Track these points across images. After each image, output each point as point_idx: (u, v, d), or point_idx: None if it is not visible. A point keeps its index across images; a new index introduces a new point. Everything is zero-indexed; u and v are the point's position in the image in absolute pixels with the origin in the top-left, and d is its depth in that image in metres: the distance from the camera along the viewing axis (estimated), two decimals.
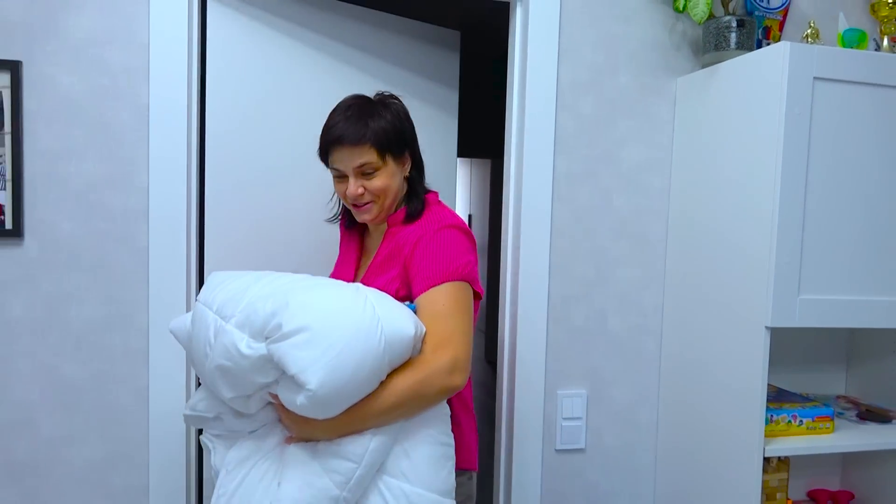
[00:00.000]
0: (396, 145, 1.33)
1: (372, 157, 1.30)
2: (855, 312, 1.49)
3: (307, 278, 1.19)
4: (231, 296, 1.15)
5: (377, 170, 1.32)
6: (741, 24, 1.65)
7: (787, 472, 1.56)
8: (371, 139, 1.29)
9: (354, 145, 1.29)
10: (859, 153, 1.48)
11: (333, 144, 1.31)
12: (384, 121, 1.31)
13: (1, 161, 1.46)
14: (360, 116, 1.30)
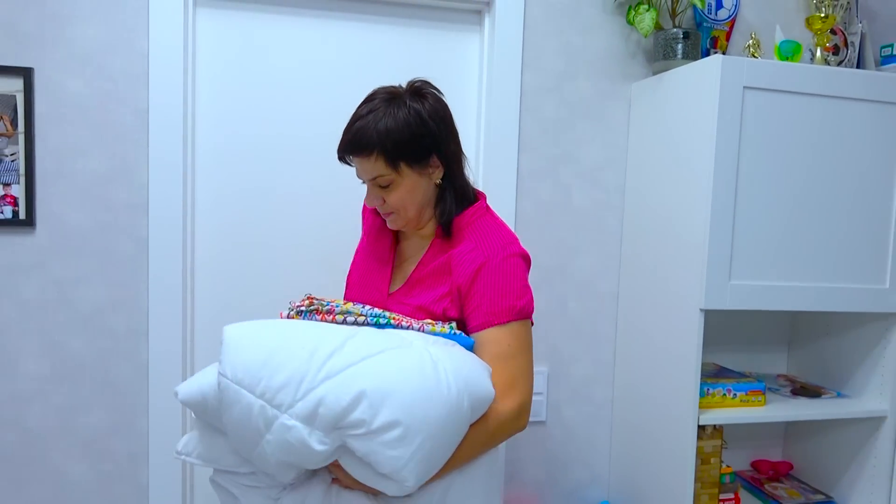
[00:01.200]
0: (412, 153, 1.18)
1: (382, 168, 1.18)
2: (780, 296, 1.66)
3: (356, 341, 1.05)
4: (282, 382, 0.98)
5: (392, 182, 1.20)
6: (686, 36, 1.82)
7: (720, 439, 1.73)
8: (378, 148, 1.16)
9: (362, 157, 1.18)
10: (786, 153, 1.65)
11: (343, 153, 1.21)
12: (396, 123, 1.16)
13: (15, 158, 1.62)
14: (373, 119, 1.16)
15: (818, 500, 1.94)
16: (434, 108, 1.21)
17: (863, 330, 1.88)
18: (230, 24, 1.77)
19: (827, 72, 1.64)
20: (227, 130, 1.79)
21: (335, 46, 1.84)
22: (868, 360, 1.86)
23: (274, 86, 1.80)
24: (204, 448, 1.11)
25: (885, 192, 1.73)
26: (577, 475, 2.03)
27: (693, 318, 1.65)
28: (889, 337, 1.80)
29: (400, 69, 1.88)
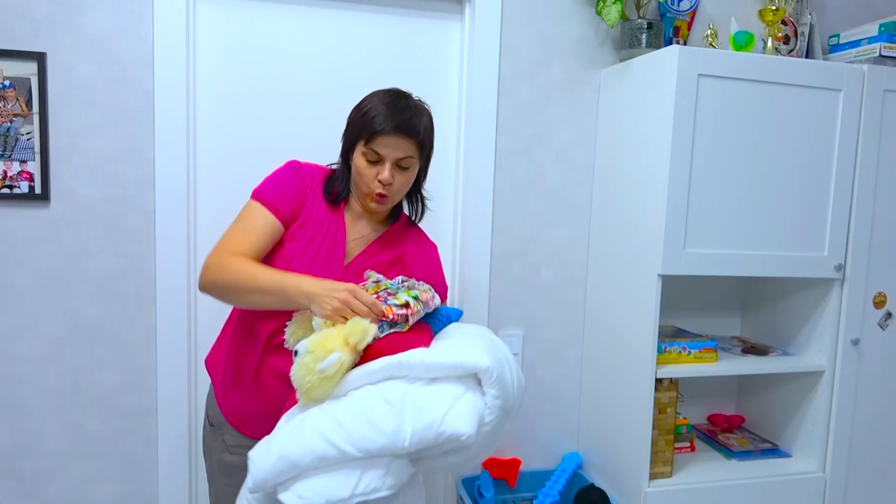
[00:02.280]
0: (427, 149, 1.45)
1: (415, 153, 1.39)
2: (729, 263, 1.85)
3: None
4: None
5: (411, 166, 1.41)
6: (650, 26, 1.99)
7: (676, 391, 1.93)
8: (421, 137, 1.38)
9: (410, 138, 1.37)
10: (737, 135, 1.83)
11: (387, 133, 1.34)
12: (427, 122, 1.41)
13: (30, 137, 1.75)
14: (416, 114, 1.38)
15: (765, 447, 2.16)
16: None
17: (805, 294, 2.08)
18: (227, 13, 1.90)
19: (773, 61, 1.82)
20: (225, 110, 1.92)
21: (327, 34, 1.98)
22: (810, 321, 2.07)
23: (267, 69, 1.94)
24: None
25: (825, 170, 1.92)
26: (550, 429, 2.22)
27: (652, 282, 1.83)
28: (827, 300, 2.00)
29: (386, 56, 2.03)
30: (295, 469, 1.14)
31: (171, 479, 1.91)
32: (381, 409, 1.16)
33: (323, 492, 1.12)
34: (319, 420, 1.17)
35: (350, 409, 1.18)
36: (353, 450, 1.14)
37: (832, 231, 1.93)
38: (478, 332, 1.39)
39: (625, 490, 1.95)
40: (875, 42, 2.01)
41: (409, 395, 1.18)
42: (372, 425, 1.15)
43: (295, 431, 1.17)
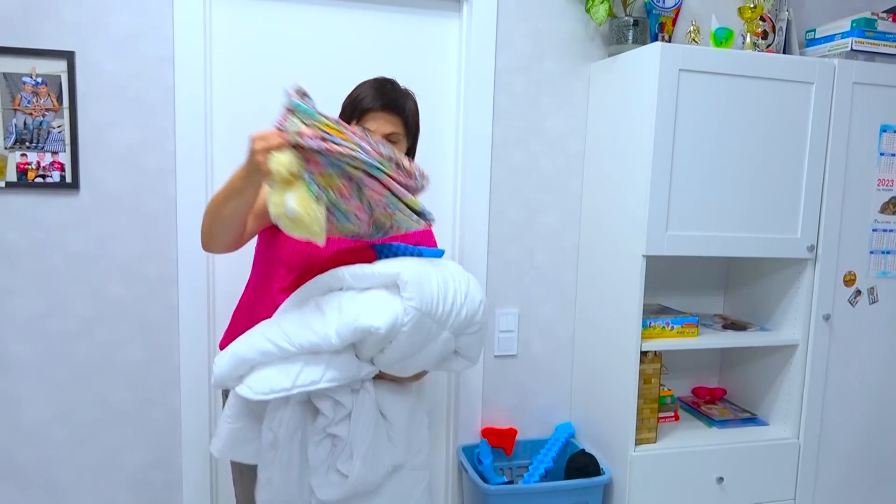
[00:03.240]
0: (413, 130, 1.59)
1: (401, 129, 1.53)
2: (708, 244, 2.00)
3: (458, 272, 1.48)
4: (445, 311, 1.40)
5: (398, 143, 1.53)
6: (636, 23, 2.13)
7: (660, 363, 2.08)
8: (407, 115, 1.54)
9: (395, 114, 1.51)
10: (716, 126, 1.97)
11: (374, 110, 1.49)
12: (414, 106, 1.58)
13: (61, 130, 1.89)
14: (401, 95, 1.54)
15: (745, 416, 2.32)
16: None
17: (780, 273, 2.23)
18: (240, 13, 2.03)
19: (749, 56, 1.96)
20: (239, 103, 2.06)
21: (333, 31, 2.11)
22: (785, 298, 2.22)
23: (277, 64, 2.08)
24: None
25: (798, 158, 2.06)
26: (544, 401, 2.38)
27: (636, 262, 1.98)
28: (801, 278, 2.15)
29: (389, 52, 2.16)
30: (244, 364, 1.36)
31: (194, 449, 2.07)
32: (313, 313, 1.38)
33: (268, 381, 1.34)
34: (266, 326, 1.40)
35: (290, 315, 1.41)
36: (289, 345, 1.35)
37: (805, 214, 2.08)
38: (429, 259, 1.50)
39: (613, 455, 2.11)
40: (847, 37, 2.15)
41: (339, 302, 1.39)
42: (305, 326, 1.36)
43: (246, 336, 1.40)
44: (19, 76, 1.84)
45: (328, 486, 1.43)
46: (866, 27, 2.13)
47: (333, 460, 1.43)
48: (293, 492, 1.43)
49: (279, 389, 1.33)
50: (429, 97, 2.22)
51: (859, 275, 2.16)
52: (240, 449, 1.48)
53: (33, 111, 1.86)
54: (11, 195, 1.88)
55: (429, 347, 1.41)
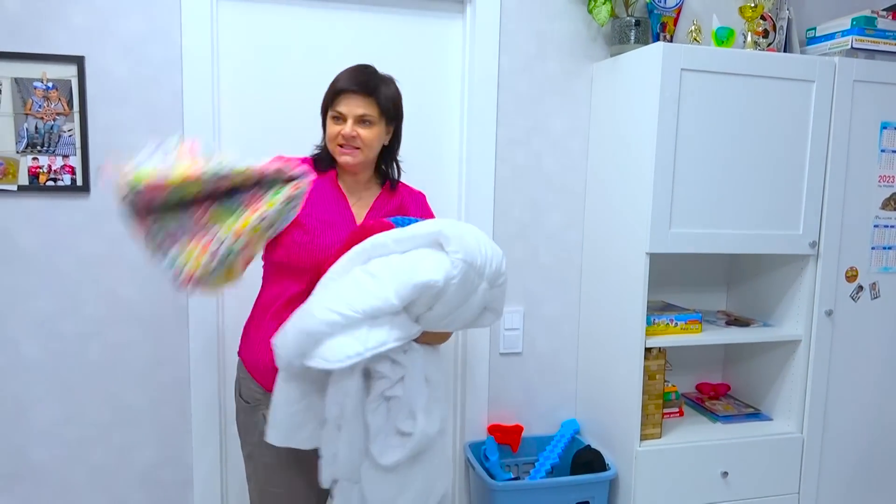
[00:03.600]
0: (392, 113, 1.64)
1: (375, 111, 1.58)
2: (711, 241, 2.03)
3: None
4: (482, 262, 1.46)
5: (373, 124, 1.59)
6: (638, 23, 2.15)
7: (664, 360, 2.10)
8: (379, 98, 1.58)
9: (366, 96, 1.57)
10: (718, 124, 1.99)
11: (346, 91, 1.57)
12: (391, 90, 1.63)
13: (72, 134, 1.92)
14: (374, 78, 1.60)
15: (749, 412, 2.34)
16: (401, 94, 1.68)
17: (783, 270, 2.25)
18: (245, 17, 2.06)
19: (750, 55, 1.99)
20: (245, 104, 2.09)
21: (338, 33, 2.14)
22: (787, 294, 2.24)
23: (282, 67, 2.10)
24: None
25: (799, 155, 2.08)
26: (550, 398, 2.40)
27: (640, 260, 2.01)
28: (803, 274, 2.17)
29: (395, 53, 2.19)
30: (311, 338, 1.38)
31: (205, 447, 2.09)
32: (368, 279, 1.42)
33: (340, 349, 1.37)
34: (322, 297, 1.43)
35: (345, 284, 1.44)
36: (353, 312, 1.38)
37: (806, 211, 2.10)
38: (453, 220, 1.60)
39: (618, 450, 2.14)
40: (847, 35, 2.17)
41: (388, 265, 1.43)
42: (364, 291, 1.40)
43: (303, 311, 1.43)
44: (30, 81, 1.87)
45: (390, 449, 1.48)
46: (866, 25, 2.15)
47: (391, 423, 1.48)
48: (357, 462, 1.48)
49: (354, 355, 1.37)
50: (433, 98, 2.25)
51: (861, 270, 2.19)
52: (297, 434, 1.51)
53: (44, 115, 1.89)
54: (24, 198, 1.90)
55: (470, 300, 1.46)
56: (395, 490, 1.51)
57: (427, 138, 2.25)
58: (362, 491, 1.51)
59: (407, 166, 1.77)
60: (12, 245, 1.91)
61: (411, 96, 2.18)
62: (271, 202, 1.45)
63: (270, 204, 1.45)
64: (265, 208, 1.44)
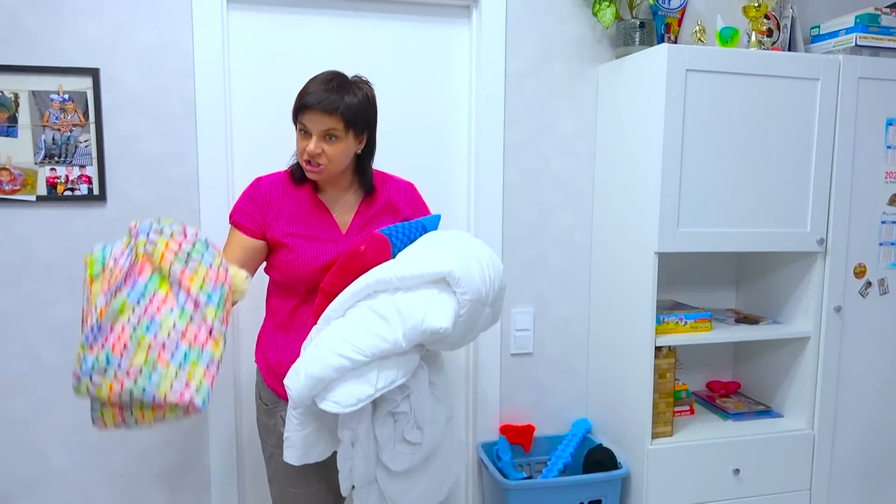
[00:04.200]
0: (360, 124, 1.58)
1: (339, 126, 1.53)
2: (719, 240, 2.04)
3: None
4: (486, 291, 1.50)
5: (338, 138, 1.55)
6: (642, 25, 2.17)
7: (674, 358, 2.12)
8: (343, 112, 1.53)
9: (327, 113, 1.52)
10: (724, 123, 2.01)
11: (309, 108, 1.53)
12: (356, 100, 1.56)
13: (88, 144, 1.96)
14: (338, 90, 1.54)
15: (759, 409, 2.35)
16: (374, 97, 1.64)
17: (791, 267, 2.27)
18: (255, 27, 2.09)
19: (755, 54, 2.00)
20: (257, 113, 2.12)
21: (346, 40, 2.17)
22: (796, 291, 2.25)
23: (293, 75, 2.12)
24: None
25: (806, 153, 2.10)
26: (561, 397, 2.42)
27: (649, 259, 2.02)
28: (811, 272, 2.19)
29: (402, 58, 2.22)
30: (322, 383, 1.40)
31: (222, 449, 2.13)
32: (376, 321, 1.43)
33: (352, 393, 1.40)
34: (330, 340, 1.44)
35: (352, 325, 1.45)
36: (363, 357, 1.40)
37: (814, 208, 2.12)
38: (449, 238, 1.60)
39: (630, 449, 2.15)
40: (851, 32, 2.18)
41: (395, 305, 1.44)
42: (374, 335, 1.41)
43: (314, 354, 1.44)
44: (47, 94, 1.91)
45: (399, 457, 1.53)
46: (870, 22, 2.16)
47: (398, 434, 1.51)
48: (372, 470, 1.53)
49: (365, 397, 1.40)
50: (441, 102, 2.27)
51: (869, 267, 2.19)
52: (312, 451, 1.54)
53: (61, 127, 1.93)
54: (42, 208, 1.95)
55: (476, 324, 1.50)
56: (409, 483, 1.57)
57: (435, 142, 2.28)
58: (379, 488, 1.56)
59: (416, 170, 1.80)
60: (31, 254, 1.95)
61: (419, 101, 2.25)
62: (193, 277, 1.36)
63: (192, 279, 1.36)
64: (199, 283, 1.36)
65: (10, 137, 1.90)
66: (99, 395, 1.28)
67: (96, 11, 1.93)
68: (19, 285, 1.96)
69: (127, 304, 1.30)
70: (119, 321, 1.29)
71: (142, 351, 1.27)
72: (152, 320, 1.29)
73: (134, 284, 1.32)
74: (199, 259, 1.39)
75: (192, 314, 1.33)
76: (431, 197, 2.26)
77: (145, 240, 1.37)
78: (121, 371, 1.26)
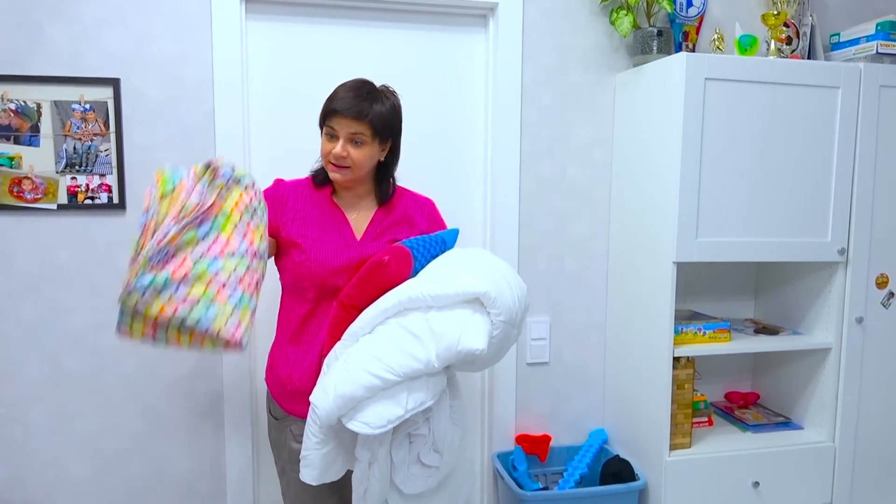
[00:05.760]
0: (386, 132, 1.64)
1: (366, 132, 1.59)
2: (738, 250, 2.02)
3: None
4: (515, 312, 1.50)
5: (364, 143, 1.60)
6: (660, 33, 2.16)
7: (693, 369, 2.10)
8: (371, 119, 1.58)
9: (356, 119, 1.58)
10: (743, 132, 1.99)
11: (339, 112, 1.58)
12: (384, 108, 1.62)
13: (108, 153, 1.98)
14: (367, 97, 1.60)
15: (779, 421, 2.32)
16: (400, 108, 1.70)
17: (812, 277, 2.24)
18: (274, 37, 2.11)
19: (774, 63, 1.99)
20: (276, 122, 2.13)
21: (364, 49, 2.18)
22: (817, 302, 2.22)
23: (312, 83, 2.14)
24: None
25: (826, 161, 2.07)
26: (577, 407, 2.40)
27: (667, 269, 2.01)
28: (832, 282, 2.16)
29: (419, 67, 2.22)
30: (352, 402, 1.38)
31: (238, 457, 2.13)
32: (409, 340, 1.41)
33: (382, 414, 1.38)
34: (360, 358, 1.41)
35: (383, 343, 1.42)
36: (395, 377, 1.38)
37: (835, 217, 2.09)
38: (474, 256, 1.59)
39: (647, 460, 2.13)
40: (872, 40, 2.16)
41: (428, 324, 1.42)
42: (406, 354, 1.40)
43: (343, 372, 1.41)
44: (69, 104, 1.93)
45: (412, 479, 1.50)
46: (891, 30, 2.13)
47: (413, 455, 1.49)
48: (386, 492, 1.51)
49: (395, 419, 1.38)
50: (457, 110, 2.27)
51: (892, 277, 2.16)
52: (329, 471, 1.52)
53: (82, 136, 1.95)
54: (63, 217, 1.97)
55: (505, 346, 1.50)
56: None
57: (451, 150, 2.28)
58: None
59: (432, 178, 1.80)
60: (52, 262, 1.97)
61: (435, 110, 2.25)
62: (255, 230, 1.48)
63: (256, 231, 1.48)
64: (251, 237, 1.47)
65: (32, 147, 1.93)
66: (146, 312, 1.34)
67: (118, 23, 1.95)
68: (40, 293, 1.98)
69: (194, 239, 1.39)
70: (183, 251, 1.37)
71: (201, 284, 1.36)
72: (215, 259, 1.40)
73: (203, 223, 1.41)
74: (262, 216, 1.52)
75: (248, 264, 1.44)
76: (447, 205, 2.26)
77: (224, 184, 1.45)
78: (177, 297, 1.34)
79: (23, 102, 1.91)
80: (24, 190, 1.93)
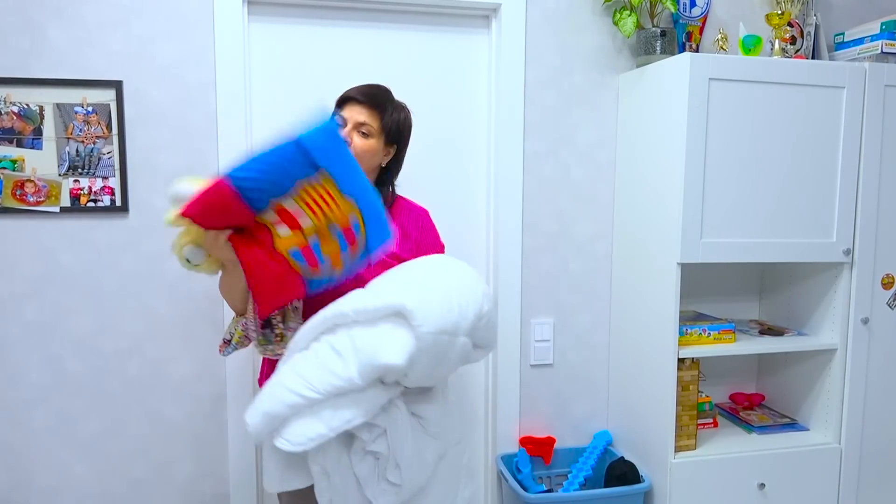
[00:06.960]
0: (393, 134, 1.66)
1: (375, 124, 1.61)
2: (742, 251, 2.01)
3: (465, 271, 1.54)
4: (454, 320, 1.41)
5: (370, 136, 1.61)
6: (664, 33, 2.15)
7: (697, 370, 2.09)
8: (383, 114, 1.62)
9: (370, 109, 1.61)
10: (747, 132, 1.98)
11: (353, 99, 1.62)
12: (398, 114, 1.67)
13: (111, 155, 1.98)
14: (384, 94, 1.65)
15: (784, 422, 2.31)
16: (410, 120, 1.72)
17: (817, 278, 2.23)
18: (277, 37, 2.11)
19: (778, 63, 1.98)
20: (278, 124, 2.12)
21: (367, 50, 2.18)
22: (822, 302, 2.21)
23: (314, 84, 2.14)
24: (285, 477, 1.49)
25: (831, 162, 2.07)
26: (582, 409, 2.39)
27: (672, 270, 2.00)
28: (837, 282, 2.15)
29: (422, 67, 2.22)
30: (276, 420, 1.37)
31: (242, 460, 2.13)
32: (331, 357, 1.39)
33: (303, 432, 1.35)
34: (286, 377, 1.40)
35: (308, 361, 1.41)
36: (316, 394, 1.36)
37: (840, 218, 2.08)
38: (419, 266, 1.53)
39: (652, 462, 2.12)
40: (877, 40, 2.15)
41: (351, 341, 1.39)
42: (328, 371, 1.37)
43: (270, 390, 1.41)
44: (71, 106, 1.93)
45: (382, 494, 1.47)
46: None
47: (381, 472, 1.47)
48: None
49: (316, 437, 1.35)
50: (460, 112, 2.27)
51: None
52: (293, 478, 1.49)
53: (85, 139, 1.95)
54: (66, 219, 1.96)
55: (448, 357, 1.42)
56: None
57: (454, 151, 2.28)
58: None
59: (435, 180, 1.79)
60: (55, 264, 1.97)
61: (438, 111, 2.24)
62: None
63: None
64: None
65: (34, 149, 1.93)
66: None
67: (120, 25, 1.95)
68: (43, 295, 1.97)
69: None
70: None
71: None
72: None
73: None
74: None
75: None
76: (450, 207, 2.27)
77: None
78: None
79: (25, 105, 1.91)
80: (26, 193, 1.93)
